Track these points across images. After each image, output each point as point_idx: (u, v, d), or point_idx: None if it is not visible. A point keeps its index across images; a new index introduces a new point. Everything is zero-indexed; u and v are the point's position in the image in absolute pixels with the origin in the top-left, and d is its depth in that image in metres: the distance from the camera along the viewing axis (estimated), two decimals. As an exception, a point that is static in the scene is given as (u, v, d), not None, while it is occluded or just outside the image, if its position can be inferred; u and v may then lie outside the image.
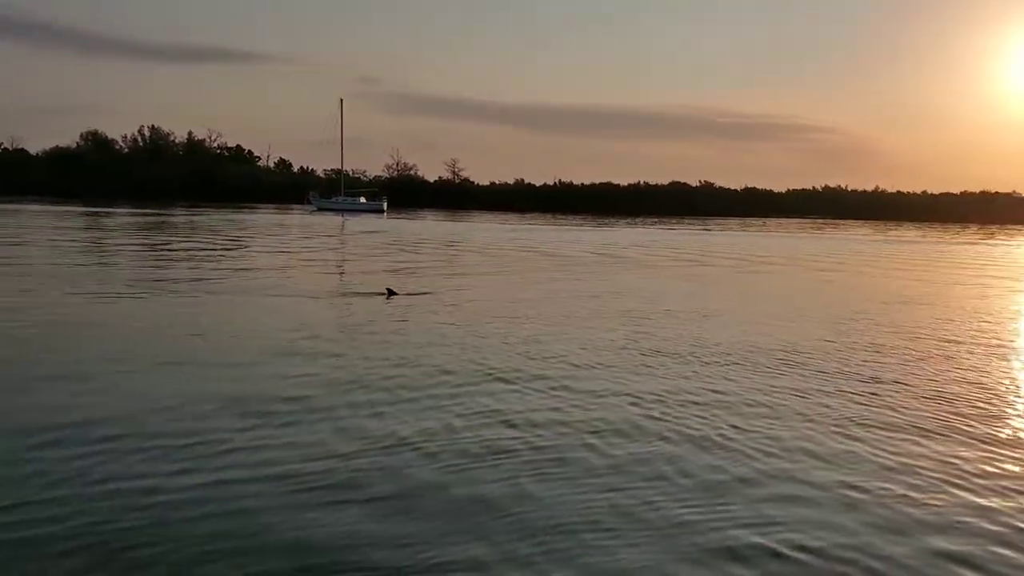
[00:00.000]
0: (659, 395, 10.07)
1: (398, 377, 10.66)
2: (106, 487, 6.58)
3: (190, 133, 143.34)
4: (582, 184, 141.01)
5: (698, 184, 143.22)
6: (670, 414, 9.22)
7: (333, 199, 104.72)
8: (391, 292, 19.25)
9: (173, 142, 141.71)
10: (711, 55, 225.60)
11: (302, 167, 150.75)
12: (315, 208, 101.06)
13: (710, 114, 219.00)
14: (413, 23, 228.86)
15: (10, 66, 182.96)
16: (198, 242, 37.60)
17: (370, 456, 7.51)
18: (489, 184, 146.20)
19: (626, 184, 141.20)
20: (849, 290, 25.22)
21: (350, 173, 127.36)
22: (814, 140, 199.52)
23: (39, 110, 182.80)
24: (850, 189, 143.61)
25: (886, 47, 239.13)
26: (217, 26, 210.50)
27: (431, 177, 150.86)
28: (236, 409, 8.92)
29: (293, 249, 35.93)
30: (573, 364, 11.82)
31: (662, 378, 11.11)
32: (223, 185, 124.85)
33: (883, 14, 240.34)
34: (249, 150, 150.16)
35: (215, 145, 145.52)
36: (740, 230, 75.50)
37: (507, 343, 13.31)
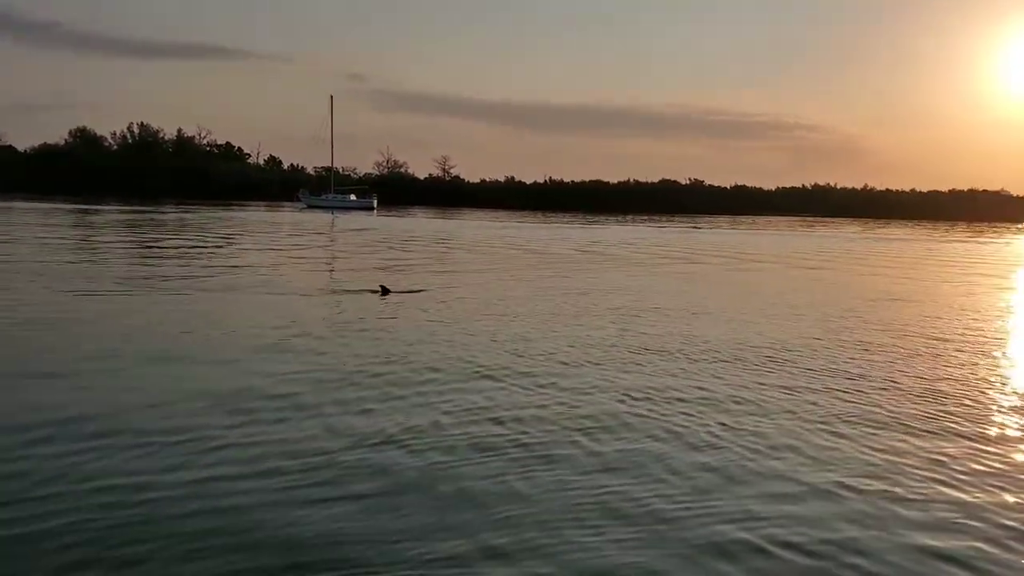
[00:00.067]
0: (647, 392, 10.12)
1: (387, 374, 10.67)
2: (95, 484, 6.58)
3: (179, 130, 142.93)
4: (572, 182, 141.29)
5: (688, 182, 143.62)
6: (658, 411, 9.27)
7: (323, 196, 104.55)
8: (385, 290, 19.21)
9: (162, 139, 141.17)
10: (701, 54, 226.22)
11: (292, 164, 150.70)
12: (305, 205, 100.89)
13: (700, 113, 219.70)
14: (404, 21, 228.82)
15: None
16: (187, 239, 37.47)
17: (359, 453, 7.54)
18: (480, 182, 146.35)
19: (616, 182, 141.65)
20: (838, 288, 25.34)
21: (340, 170, 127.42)
22: (804, 138, 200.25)
23: (26, 107, 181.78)
24: (839, 187, 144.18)
25: (875, 46, 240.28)
26: (207, 24, 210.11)
27: (421, 175, 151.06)
28: (226, 406, 8.93)
29: (283, 247, 35.86)
30: (561, 361, 11.86)
31: (650, 375, 11.16)
32: (213, 182, 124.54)
33: (872, 14, 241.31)
34: (239, 147, 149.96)
35: (205, 142, 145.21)
36: (730, 228, 75.69)
37: (496, 340, 13.34)
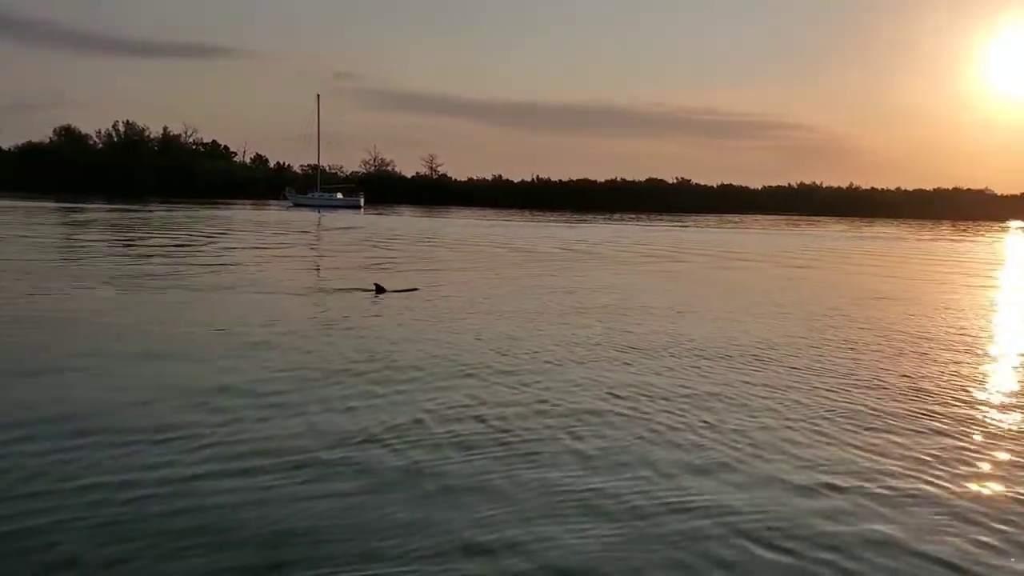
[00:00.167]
0: (631, 390, 10.19)
1: (372, 373, 10.71)
2: (80, 482, 6.59)
3: (165, 128, 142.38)
4: (560, 181, 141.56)
5: (675, 181, 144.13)
6: (642, 409, 9.34)
7: (309, 195, 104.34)
8: (380, 288, 19.06)
9: (148, 137, 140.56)
10: (689, 55, 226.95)
11: (278, 163, 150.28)
12: (291, 204, 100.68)
13: (688, 112, 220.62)
14: (392, 20, 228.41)
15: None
16: (173, 238, 37.35)
17: (343, 450, 7.57)
18: (467, 180, 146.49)
19: (603, 181, 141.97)
20: (823, 286, 25.50)
21: (327, 169, 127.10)
22: (790, 137, 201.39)
23: (10, 106, 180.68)
24: (825, 186, 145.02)
25: (861, 46, 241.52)
26: (195, 22, 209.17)
27: (408, 173, 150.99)
28: (211, 404, 8.94)
29: (269, 245, 35.80)
30: (546, 360, 11.91)
31: (635, 373, 11.22)
32: (198, 181, 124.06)
33: (858, 13, 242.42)
34: (225, 146, 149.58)
35: (191, 141, 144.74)
36: (716, 227, 75.94)
37: (481, 339, 13.37)
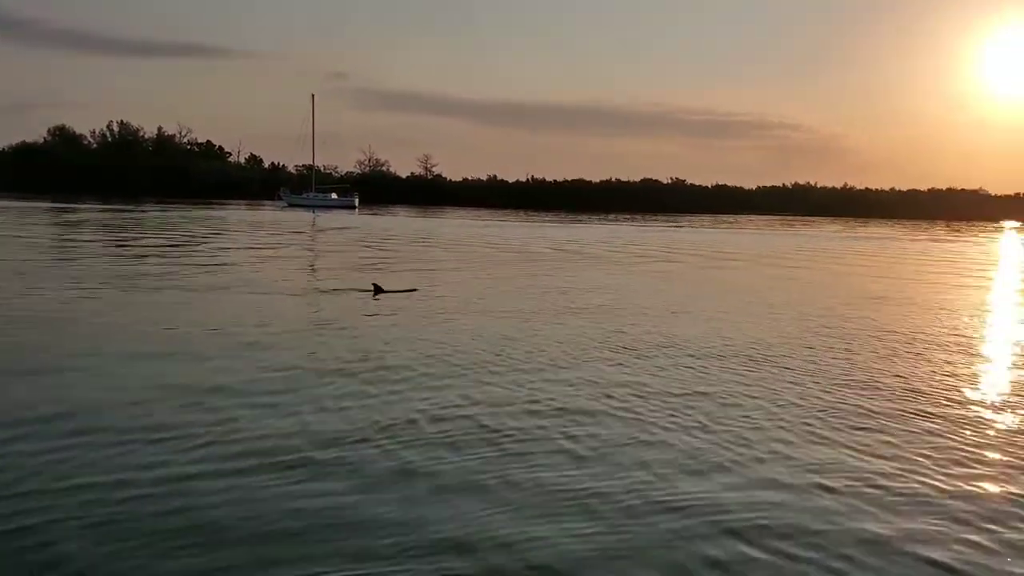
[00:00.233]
0: (624, 390, 10.22)
1: (365, 372, 10.72)
2: (73, 481, 6.60)
3: (160, 129, 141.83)
4: (555, 181, 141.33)
5: (669, 181, 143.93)
6: (634, 408, 9.37)
7: (304, 195, 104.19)
8: (378, 289, 19.00)
9: (142, 137, 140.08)
10: (685, 54, 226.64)
11: (273, 163, 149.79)
12: (286, 204, 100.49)
13: (681, 112, 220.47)
14: (387, 20, 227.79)
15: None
16: (167, 238, 37.30)
17: (337, 449, 7.59)
18: (462, 180, 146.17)
19: (598, 181, 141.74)
20: (816, 286, 25.57)
21: (321, 169, 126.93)
22: (784, 137, 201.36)
23: (9, 106, 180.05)
24: (820, 186, 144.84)
25: (855, 45, 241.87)
26: (186, 22, 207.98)
27: (403, 173, 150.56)
28: (205, 403, 8.96)
29: (263, 246, 35.77)
30: (539, 360, 11.94)
31: (628, 373, 11.25)
32: (193, 181, 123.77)
33: (852, 13, 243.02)
34: (220, 146, 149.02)
35: (185, 141, 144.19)
36: (711, 227, 76.00)
37: (475, 339, 13.39)
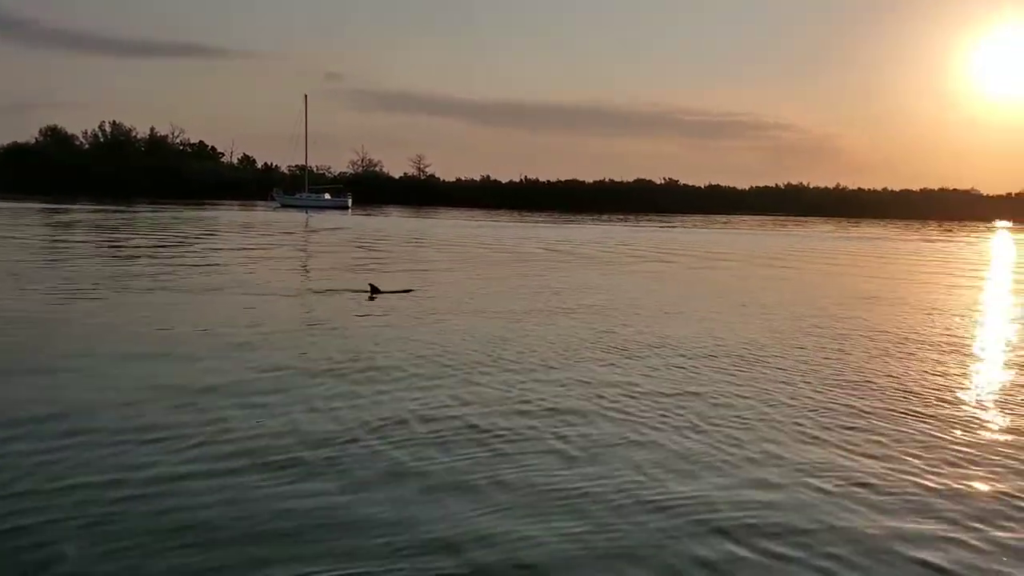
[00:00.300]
0: (616, 390, 10.25)
1: (356, 373, 10.73)
2: (66, 481, 6.61)
3: (152, 129, 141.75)
4: (548, 181, 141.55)
5: (662, 181, 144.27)
6: (626, 408, 9.40)
7: (297, 195, 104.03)
8: (375, 289, 18.92)
9: (135, 138, 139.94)
10: (679, 54, 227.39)
11: (266, 163, 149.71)
12: (279, 205, 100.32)
13: (675, 112, 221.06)
14: (381, 20, 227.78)
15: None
16: (160, 239, 37.22)
17: (328, 449, 7.60)
18: (455, 180, 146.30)
19: (592, 181, 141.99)
20: (808, 286, 25.64)
21: (314, 169, 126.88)
22: (777, 138, 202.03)
23: (9, 106, 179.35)
24: (812, 187, 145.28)
25: (847, 46, 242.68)
26: (185, 22, 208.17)
27: (396, 173, 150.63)
28: (197, 404, 8.96)
29: (256, 246, 35.73)
30: (531, 360, 11.95)
31: (620, 373, 11.28)
32: (186, 181, 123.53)
33: (845, 13, 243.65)
34: (212, 146, 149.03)
35: (178, 141, 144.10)
36: (704, 227, 76.16)
37: (467, 339, 13.40)
